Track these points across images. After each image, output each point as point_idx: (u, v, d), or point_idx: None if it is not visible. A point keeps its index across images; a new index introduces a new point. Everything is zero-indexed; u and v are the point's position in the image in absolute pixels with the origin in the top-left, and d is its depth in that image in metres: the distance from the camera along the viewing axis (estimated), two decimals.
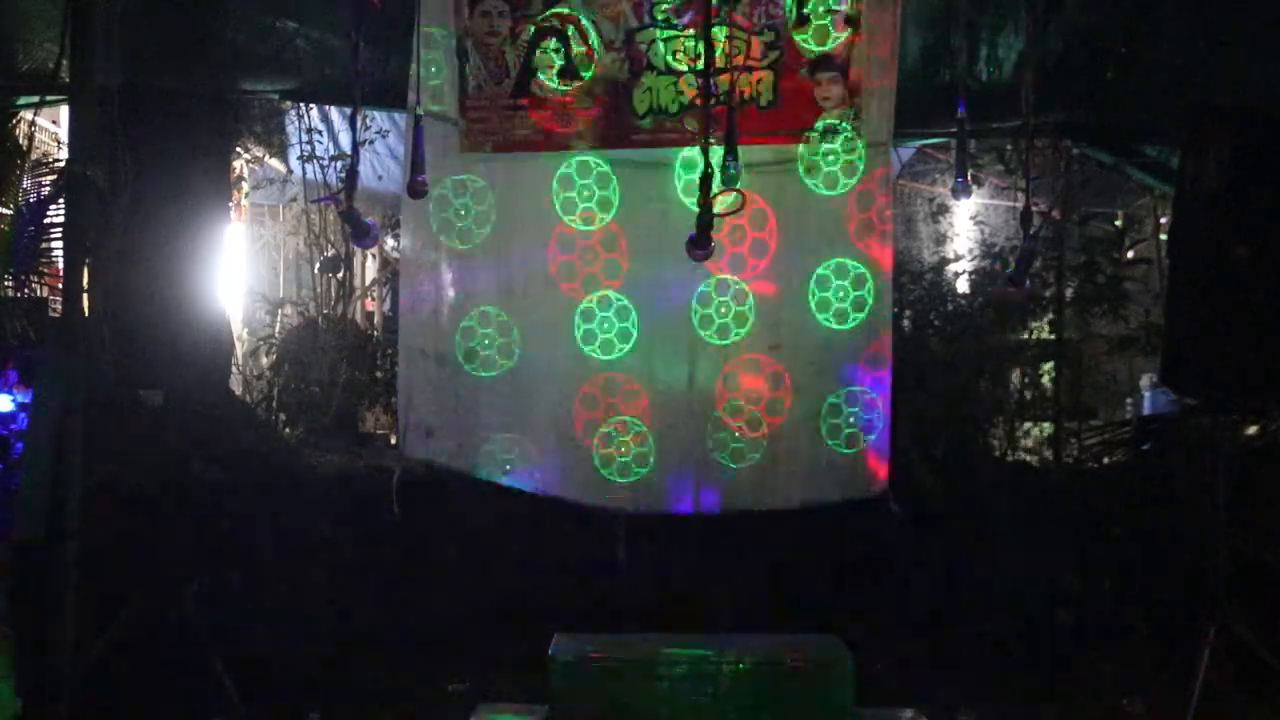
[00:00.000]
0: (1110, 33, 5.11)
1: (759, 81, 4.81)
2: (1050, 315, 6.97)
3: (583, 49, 4.87)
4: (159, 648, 4.91)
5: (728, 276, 4.92)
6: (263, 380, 8.19)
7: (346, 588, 5.76)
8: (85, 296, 4.35)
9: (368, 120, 7.40)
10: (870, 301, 4.90)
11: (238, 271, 9.04)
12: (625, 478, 4.99)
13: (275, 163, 8.92)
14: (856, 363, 4.92)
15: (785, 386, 4.94)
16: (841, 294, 4.90)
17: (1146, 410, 8.88)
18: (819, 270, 4.91)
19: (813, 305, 4.92)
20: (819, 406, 4.92)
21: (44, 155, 6.68)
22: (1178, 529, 5.45)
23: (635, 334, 4.98)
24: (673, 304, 4.99)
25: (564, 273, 4.99)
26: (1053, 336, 6.92)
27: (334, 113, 7.61)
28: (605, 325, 4.97)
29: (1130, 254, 7.76)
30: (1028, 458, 7.13)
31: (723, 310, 4.94)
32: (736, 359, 4.96)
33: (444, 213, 5.01)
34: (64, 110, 6.32)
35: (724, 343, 4.96)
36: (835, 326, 4.92)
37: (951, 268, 8.02)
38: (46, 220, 5.35)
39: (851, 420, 4.91)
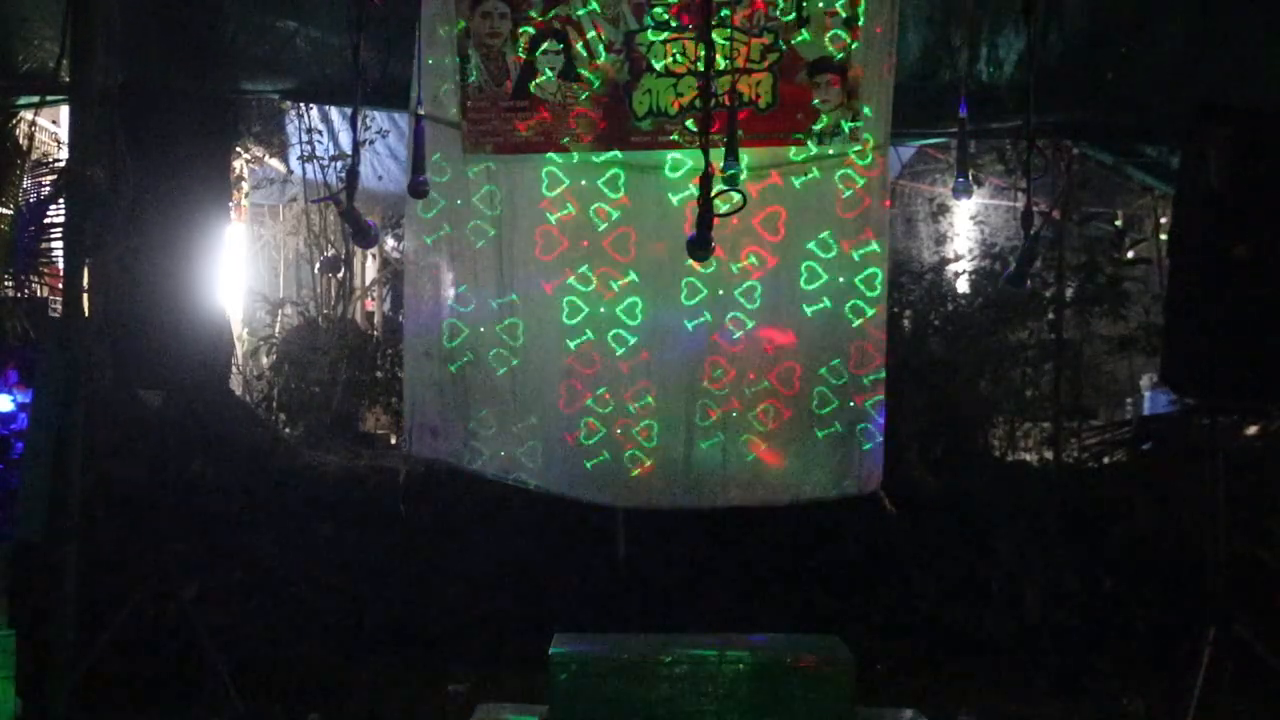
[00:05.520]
0: (1110, 33, 5.10)
1: (758, 84, 4.81)
2: (1050, 315, 6.97)
3: (583, 51, 4.87)
4: (159, 648, 4.92)
5: (726, 275, 4.92)
6: (263, 380, 8.20)
7: (347, 587, 5.77)
8: (85, 296, 4.35)
9: (368, 120, 7.40)
10: (867, 300, 4.90)
11: (238, 271, 9.03)
12: (624, 472, 4.99)
13: (275, 163, 8.92)
14: (852, 360, 4.92)
15: (781, 382, 4.94)
16: (839, 293, 4.90)
17: (1146, 410, 8.87)
18: (817, 269, 4.91)
19: (809, 304, 4.92)
20: (815, 403, 4.92)
21: (44, 155, 6.68)
22: (1178, 529, 5.45)
23: (634, 330, 4.98)
24: (671, 302, 4.99)
25: (564, 272, 4.99)
26: (1053, 336, 6.92)
27: (334, 113, 7.60)
28: (605, 322, 4.97)
29: (1130, 254, 7.76)
30: (1028, 458, 7.13)
31: (721, 308, 4.95)
32: (733, 355, 4.96)
33: (446, 213, 5.02)
34: (64, 110, 6.32)
35: (720, 340, 4.96)
36: (831, 324, 4.91)
37: (951, 268, 8.03)
38: (46, 220, 5.35)
39: (847, 417, 4.91)
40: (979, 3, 4.91)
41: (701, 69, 4.37)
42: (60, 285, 4.43)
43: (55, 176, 5.55)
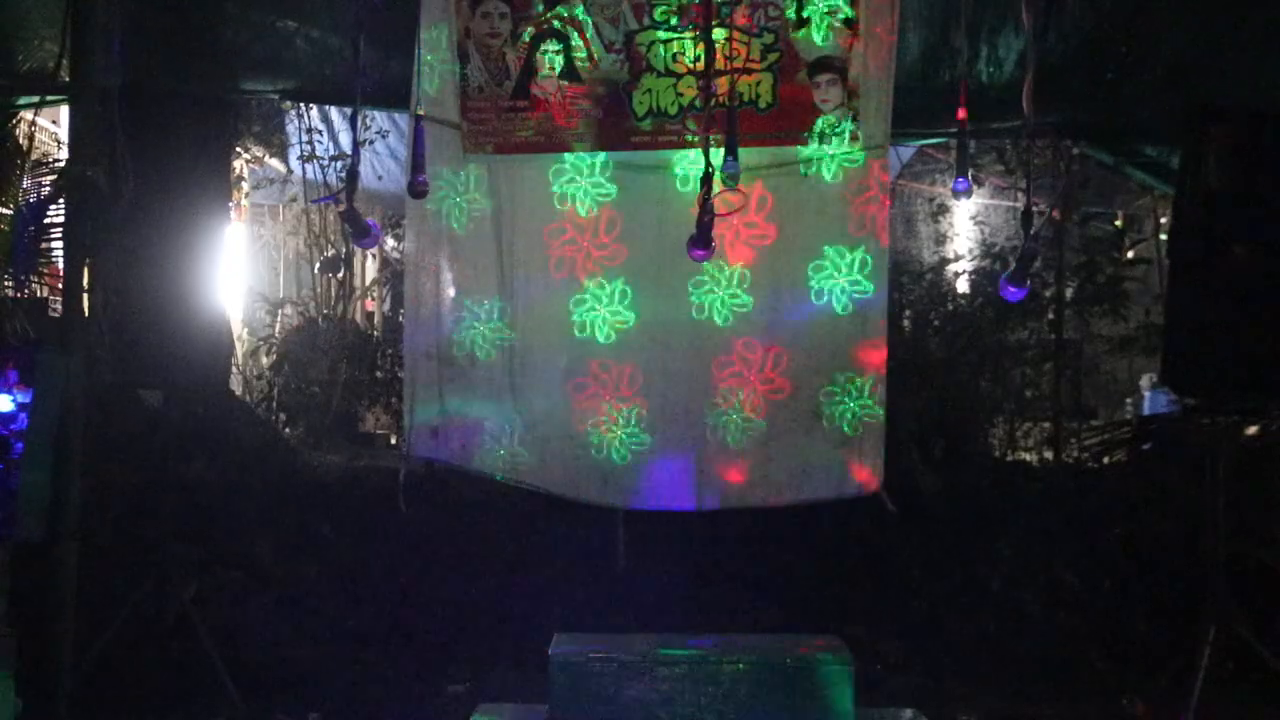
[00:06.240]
0: (1110, 33, 5.10)
1: (758, 84, 4.81)
2: (1050, 315, 6.97)
3: (583, 51, 4.87)
4: (159, 648, 4.92)
5: (726, 274, 4.93)
6: (263, 380, 8.21)
7: (346, 587, 5.77)
8: (85, 296, 4.35)
9: (368, 120, 7.40)
10: (866, 299, 4.90)
11: (238, 271, 9.04)
12: (622, 471, 5.00)
13: (275, 163, 8.92)
14: (852, 359, 4.92)
15: (781, 381, 4.94)
16: (838, 292, 4.90)
17: (1146, 410, 8.88)
18: (816, 268, 4.91)
19: (810, 302, 4.92)
20: (814, 402, 4.92)
21: (44, 155, 6.69)
22: (1177, 529, 5.45)
23: (634, 330, 4.98)
24: (671, 302, 4.99)
25: (564, 272, 4.99)
26: (1053, 336, 6.92)
27: (334, 113, 7.61)
28: (605, 322, 4.97)
29: (1130, 254, 7.77)
30: (1028, 458, 7.14)
31: (720, 307, 4.95)
32: (733, 354, 4.97)
33: (445, 214, 5.02)
34: (64, 110, 6.32)
35: (720, 339, 4.97)
36: (831, 324, 4.92)
37: (951, 268, 8.04)
38: (46, 220, 5.36)
39: (846, 416, 4.91)
40: (979, 3, 4.90)
41: (702, 69, 4.38)
42: (60, 285, 4.43)
43: (55, 176, 5.55)
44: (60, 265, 4.69)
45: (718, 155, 4.08)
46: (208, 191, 4.77)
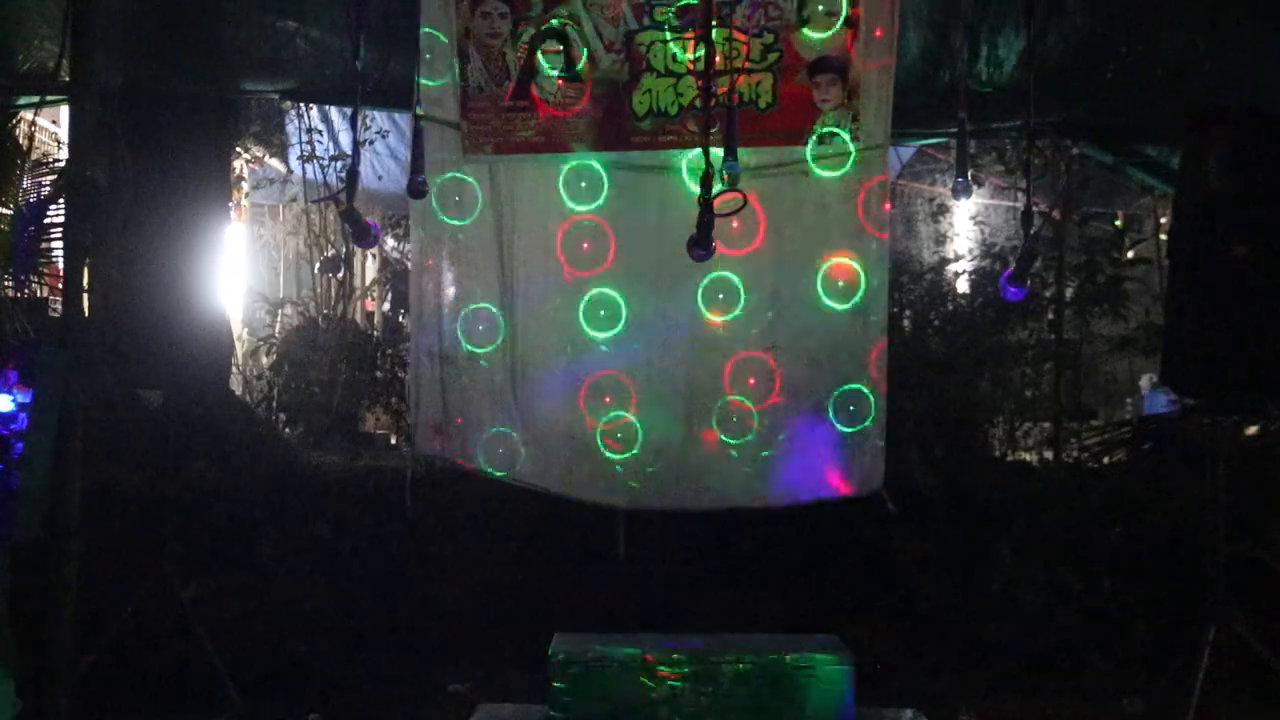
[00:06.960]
0: (1110, 33, 5.10)
1: (758, 84, 4.81)
2: (1050, 315, 6.97)
3: (583, 51, 4.87)
4: (159, 648, 4.92)
5: (726, 273, 4.93)
6: (263, 380, 8.21)
7: (347, 587, 5.77)
8: (85, 296, 4.35)
9: (368, 120, 7.41)
10: (867, 299, 4.90)
11: (238, 271, 9.05)
12: (623, 471, 5.00)
13: (275, 163, 8.93)
14: (852, 360, 4.92)
15: (781, 382, 4.95)
16: (838, 292, 4.90)
17: (1146, 410, 8.88)
18: (816, 269, 4.91)
19: (810, 303, 4.92)
20: (814, 403, 4.92)
21: (44, 155, 6.68)
22: (1178, 529, 5.45)
23: (634, 330, 4.98)
24: (671, 301, 4.99)
25: (564, 272, 5.00)
26: (1053, 336, 6.92)
27: (334, 113, 7.62)
28: (605, 322, 4.98)
29: (1130, 254, 7.77)
30: (1028, 458, 7.13)
31: (721, 307, 4.95)
32: (733, 355, 4.97)
33: (448, 214, 5.02)
34: (64, 110, 6.33)
35: (721, 339, 4.97)
36: (832, 324, 4.92)
37: (951, 268, 8.03)
38: (46, 220, 5.35)
39: (847, 417, 4.91)
40: (979, 3, 4.90)
41: (702, 69, 4.38)
42: (60, 285, 4.43)
43: (55, 176, 5.55)
44: (60, 265, 4.68)
45: (718, 155, 4.08)
46: (208, 192, 4.78)
